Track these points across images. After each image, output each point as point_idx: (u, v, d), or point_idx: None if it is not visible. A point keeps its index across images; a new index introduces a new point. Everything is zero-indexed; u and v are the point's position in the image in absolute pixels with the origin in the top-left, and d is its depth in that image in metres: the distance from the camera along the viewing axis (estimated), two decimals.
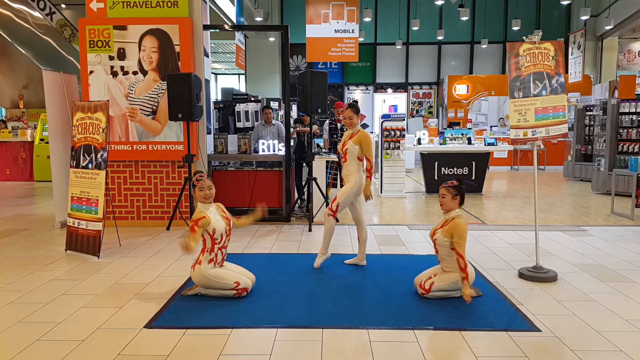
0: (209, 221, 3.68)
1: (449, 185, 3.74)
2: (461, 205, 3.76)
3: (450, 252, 3.64)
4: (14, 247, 5.41)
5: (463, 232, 3.58)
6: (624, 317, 3.40)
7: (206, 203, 3.78)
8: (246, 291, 3.78)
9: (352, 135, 4.53)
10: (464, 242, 3.58)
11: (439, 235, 3.70)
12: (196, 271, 3.73)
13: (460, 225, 3.60)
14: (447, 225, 3.66)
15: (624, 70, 16.90)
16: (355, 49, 9.62)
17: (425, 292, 3.71)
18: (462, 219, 3.65)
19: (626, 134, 9.25)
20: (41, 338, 3.11)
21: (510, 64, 4.38)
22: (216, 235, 3.72)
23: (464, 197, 3.75)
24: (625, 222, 6.61)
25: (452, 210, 3.72)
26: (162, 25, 6.11)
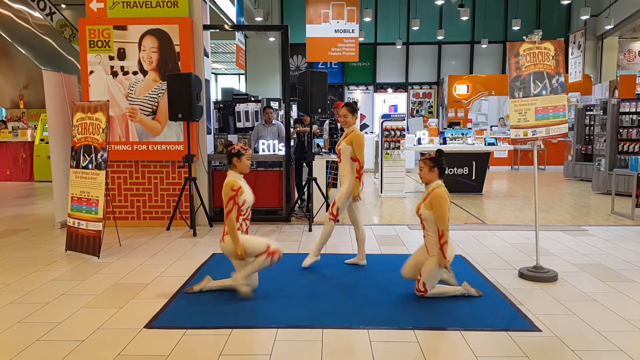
0: (243, 191, 3.66)
1: (426, 157, 3.69)
2: (441, 177, 3.68)
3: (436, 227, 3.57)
4: (14, 247, 5.41)
5: (442, 202, 3.50)
6: (625, 317, 3.40)
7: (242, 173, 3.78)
8: (278, 254, 3.72)
9: (346, 136, 4.51)
10: (443, 213, 3.49)
11: (423, 210, 3.63)
12: (226, 242, 3.70)
13: (438, 195, 3.52)
14: (429, 198, 3.61)
15: (624, 70, 16.89)
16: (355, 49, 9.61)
17: (424, 292, 3.69)
18: (442, 189, 3.58)
19: (626, 134, 9.24)
20: (41, 338, 3.11)
21: (510, 64, 4.38)
22: (244, 207, 3.70)
23: (443, 168, 3.67)
24: (625, 221, 6.61)
25: (432, 182, 3.67)
26: (162, 26, 6.11)
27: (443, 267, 3.56)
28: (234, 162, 3.76)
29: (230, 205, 3.63)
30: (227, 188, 3.64)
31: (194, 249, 5.29)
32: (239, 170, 3.77)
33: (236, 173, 3.77)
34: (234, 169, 3.78)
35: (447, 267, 3.55)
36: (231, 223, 3.63)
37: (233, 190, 3.62)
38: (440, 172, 3.66)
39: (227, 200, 3.63)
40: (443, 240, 3.51)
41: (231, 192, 3.62)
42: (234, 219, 3.64)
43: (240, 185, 3.67)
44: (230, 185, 3.64)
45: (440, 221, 3.51)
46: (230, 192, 3.62)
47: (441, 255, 3.53)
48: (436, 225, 3.56)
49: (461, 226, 6.38)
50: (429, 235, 3.65)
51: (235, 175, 3.75)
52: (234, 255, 3.70)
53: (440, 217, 3.51)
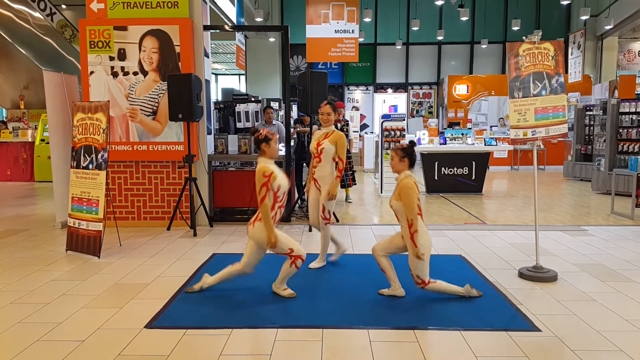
0: (276, 177, 3.62)
1: (398, 148, 3.68)
2: (411, 168, 3.67)
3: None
4: (15, 247, 5.41)
5: (409, 192, 3.49)
6: (624, 317, 3.40)
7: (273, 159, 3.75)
8: (301, 259, 3.70)
9: (328, 135, 4.43)
10: (411, 203, 3.48)
11: (393, 202, 3.61)
12: (256, 227, 3.67)
13: (405, 185, 3.52)
14: (397, 189, 3.60)
15: (624, 70, 16.90)
16: (355, 49, 9.62)
17: (422, 284, 3.64)
18: (410, 179, 3.57)
19: (626, 134, 9.25)
20: (42, 338, 3.11)
21: (510, 64, 4.39)
22: (279, 192, 3.65)
23: (413, 159, 3.66)
24: (625, 221, 6.62)
25: (401, 172, 3.66)
26: (163, 26, 6.11)
27: (415, 256, 3.52)
28: (263, 148, 3.72)
29: (264, 192, 3.58)
30: (259, 174, 3.59)
31: (194, 249, 5.29)
32: (269, 156, 3.73)
33: (267, 159, 3.72)
34: (263, 155, 3.73)
35: (419, 255, 3.50)
36: (265, 210, 3.59)
37: (265, 177, 3.57)
38: (411, 163, 3.66)
39: (260, 186, 3.58)
40: (413, 229, 3.50)
41: (263, 178, 3.57)
42: (269, 206, 3.60)
43: (272, 170, 3.61)
44: (262, 171, 3.58)
45: (409, 210, 3.50)
46: (262, 179, 3.57)
47: (412, 244, 3.52)
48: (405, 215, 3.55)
49: (461, 226, 6.38)
50: (403, 227, 3.63)
51: (266, 161, 3.70)
52: (264, 243, 3.65)
53: (408, 207, 3.50)
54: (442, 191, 9.29)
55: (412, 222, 3.51)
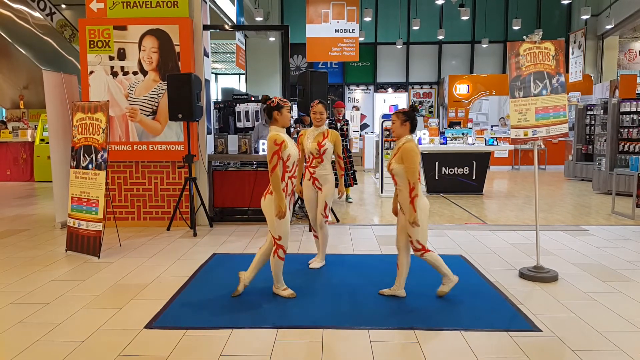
0: (287, 145, 3.56)
1: (399, 111, 3.65)
2: (412, 133, 3.65)
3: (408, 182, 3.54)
4: (15, 247, 5.41)
5: (413, 155, 3.47)
6: (625, 317, 3.39)
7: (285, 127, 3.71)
8: (283, 250, 3.69)
9: (325, 135, 4.43)
10: (414, 166, 3.46)
11: (394, 165, 3.58)
12: (267, 200, 3.63)
13: (408, 149, 3.50)
14: (399, 152, 3.57)
15: (625, 69, 16.88)
16: (355, 49, 9.62)
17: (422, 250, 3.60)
18: (412, 143, 3.55)
19: (627, 134, 9.24)
20: (42, 339, 3.11)
21: (510, 64, 4.38)
22: (289, 162, 3.60)
23: (414, 123, 3.63)
24: (626, 221, 6.61)
25: (402, 137, 3.63)
26: (162, 26, 6.10)
27: (412, 221, 3.48)
28: (275, 116, 3.66)
29: (275, 161, 3.53)
30: (270, 142, 3.53)
31: (194, 249, 5.29)
32: (281, 124, 3.68)
33: (278, 127, 3.67)
34: (275, 123, 3.68)
35: (416, 221, 3.48)
36: (276, 179, 3.53)
37: (276, 145, 3.52)
38: (412, 127, 3.64)
39: (272, 155, 3.52)
40: (414, 193, 3.48)
41: (275, 146, 3.51)
42: (279, 175, 3.54)
43: (283, 139, 3.57)
44: (274, 139, 3.53)
45: (412, 174, 3.48)
46: (274, 147, 3.52)
47: (411, 209, 3.49)
48: (407, 179, 3.53)
49: (462, 226, 6.37)
50: (402, 190, 3.60)
51: (278, 129, 3.65)
52: (274, 214, 3.59)
53: (411, 170, 3.47)
54: (443, 191, 9.28)
55: (414, 186, 3.47)
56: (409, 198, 3.51)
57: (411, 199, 3.49)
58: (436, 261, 3.69)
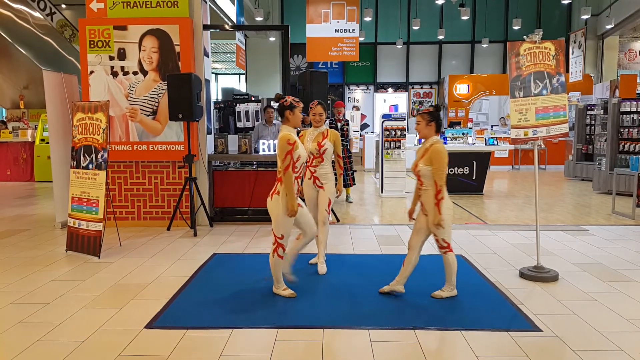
0: (298, 146, 3.57)
1: (424, 112, 3.65)
2: (438, 133, 3.65)
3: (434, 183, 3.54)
4: (15, 247, 5.41)
5: (442, 157, 3.47)
6: (625, 317, 3.39)
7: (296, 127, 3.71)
8: (283, 249, 3.69)
9: (325, 135, 4.44)
10: (443, 169, 3.48)
11: (421, 166, 3.59)
12: (273, 201, 3.62)
13: (438, 150, 3.50)
14: (427, 154, 3.57)
15: (625, 69, 16.88)
16: (355, 49, 9.62)
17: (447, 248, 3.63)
18: (441, 145, 3.56)
19: (627, 133, 9.23)
20: (42, 338, 3.11)
21: (510, 64, 4.37)
22: (298, 163, 3.59)
23: (440, 123, 3.64)
24: (626, 221, 6.61)
25: (429, 138, 3.64)
26: (162, 26, 6.10)
27: (436, 223, 3.51)
28: (287, 115, 3.68)
29: (288, 161, 3.53)
30: (283, 142, 3.53)
31: (195, 249, 5.29)
32: (293, 125, 3.69)
33: (290, 127, 3.69)
34: (287, 123, 3.69)
35: (440, 223, 3.50)
36: (289, 178, 3.53)
37: (290, 144, 3.52)
38: (437, 128, 3.64)
39: (285, 154, 3.53)
40: (440, 196, 3.50)
41: (288, 146, 3.52)
42: (292, 174, 3.55)
43: (295, 139, 3.58)
44: (287, 139, 3.53)
45: (439, 176, 3.49)
46: (287, 146, 3.52)
47: (436, 211, 3.51)
48: (433, 180, 3.53)
49: (462, 226, 6.37)
50: (427, 190, 3.60)
51: (289, 129, 3.66)
52: (281, 216, 3.58)
53: (439, 172, 3.48)
54: None
55: (441, 189, 3.49)
56: (434, 200, 3.52)
57: (437, 201, 3.51)
58: (452, 265, 3.70)
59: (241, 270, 4.53)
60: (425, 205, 3.65)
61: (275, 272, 3.77)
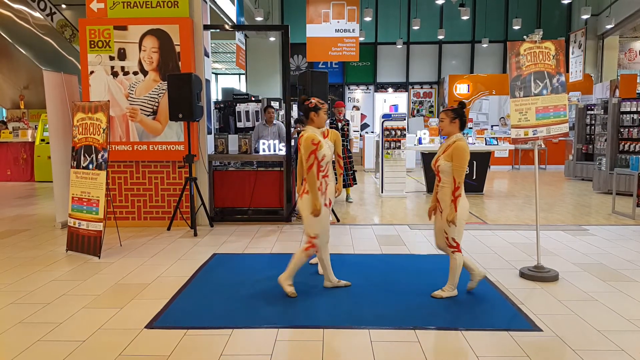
0: (322, 146, 3.59)
1: (448, 109, 3.67)
2: (462, 130, 3.66)
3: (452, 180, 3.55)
4: (15, 247, 5.41)
5: (464, 154, 3.49)
6: (626, 317, 3.39)
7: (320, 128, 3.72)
8: (315, 250, 3.72)
9: (325, 134, 4.44)
10: (463, 167, 3.49)
11: (441, 162, 3.61)
12: (304, 200, 3.64)
13: (460, 147, 3.51)
14: (449, 150, 3.58)
15: (625, 69, 16.88)
16: (355, 49, 9.62)
17: (456, 248, 3.66)
18: (464, 142, 3.57)
19: (627, 133, 9.23)
20: (42, 338, 3.11)
21: (511, 63, 4.38)
22: (323, 162, 3.62)
23: (464, 120, 3.65)
24: (626, 221, 6.61)
25: (452, 135, 3.65)
26: (163, 26, 6.10)
27: (451, 220, 3.53)
28: (312, 116, 3.71)
29: (312, 160, 3.56)
30: (307, 142, 3.56)
31: (195, 249, 5.29)
32: (317, 125, 3.72)
33: (314, 128, 3.71)
34: (311, 123, 3.72)
35: (453, 220, 3.52)
36: (312, 177, 3.57)
37: (314, 144, 3.55)
38: (462, 125, 3.65)
39: (309, 154, 3.55)
40: (458, 193, 3.51)
41: (312, 145, 3.55)
42: (315, 174, 3.57)
43: (320, 139, 3.60)
44: (311, 139, 3.56)
45: (459, 173, 3.50)
46: (311, 146, 3.55)
47: (452, 207, 3.53)
48: (452, 177, 3.54)
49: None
50: (444, 187, 3.62)
51: (314, 130, 3.69)
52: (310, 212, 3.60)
53: (459, 169, 3.50)
54: None
55: (459, 186, 3.51)
56: (451, 196, 3.54)
57: (454, 197, 3.53)
58: (458, 267, 3.70)
59: (241, 270, 4.53)
60: (441, 202, 3.67)
61: (294, 265, 3.76)
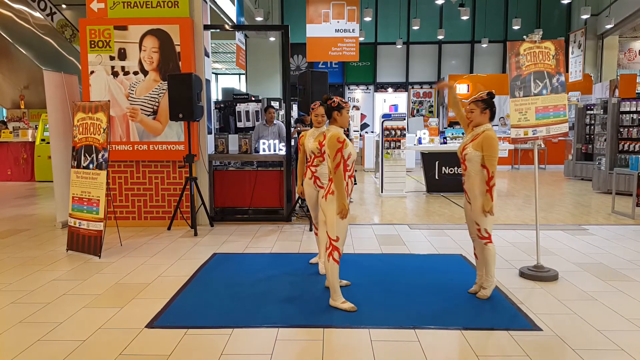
0: (348, 144, 3.52)
1: (477, 99, 3.69)
2: (491, 121, 3.65)
3: (479, 169, 3.56)
4: (16, 247, 5.42)
5: (495, 144, 3.50)
6: (625, 316, 3.40)
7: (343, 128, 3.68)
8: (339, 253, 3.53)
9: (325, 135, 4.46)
10: (495, 156, 3.50)
11: (469, 150, 3.61)
12: (328, 201, 3.53)
13: (491, 137, 3.52)
14: (478, 139, 3.59)
15: (625, 69, 16.89)
16: (355, 49, 9.62)
17: (488, 239, 3.65)
18: (493, 131, 3.58)
19: (627, 133, 9.24)
20: (42, 338, 3.11)
21: (510, 63, 4.38)
22: (349, 160, 3.53)
23: (494, 110, 3.64)
24: (626, 221, 6.61)
25: (481, 125, 3.66)
26: (163, 26, 6.11)
27: (488, 209, 3.53)
28: (335, 116, 3.65)
29: (339, 158, 3.47)
30: (333, 140, 3.48)
31: (195, 248, 5.29)
32: (340, 125, 3.67)
33: (337, 127, 3.66)
34: (334, 123, 3.67)
35: (491, 210, 3.53)
36: (339, 177, 3.47)
37: (340, 142, 3.48)
38: (492, 115, 3.66)
39: (335, 153, 3.46)
40: (492, 182, 3.53)
41: (338, 143, 3.48)
42: (342, 173, 3.48)
43: (344, 137, 3.55)
44: (337, 137, 3.49)
45: (491, 162, 3.52)
46: (337, 144, 3.48)
47: (488, 197, 3.53)
48: (479, 167, 3.56)
49: (462, 225, 6.38)
50: (470, 176, 3.63)
51: (337, 129, 3.64)
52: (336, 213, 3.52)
53: (491, 159, 3.51)
54: (443, 190, 9.29)
55: (493, 175, 3.52)
56: (483, 186, 3.55)
57: (489, 187, 3.54)
58: (493, 256, 3.69)
59: (242, 269, 4.54)
60: (468, 192, 3.67)
61: (332, 279, 3.54)
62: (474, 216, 3.66)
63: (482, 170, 3.56)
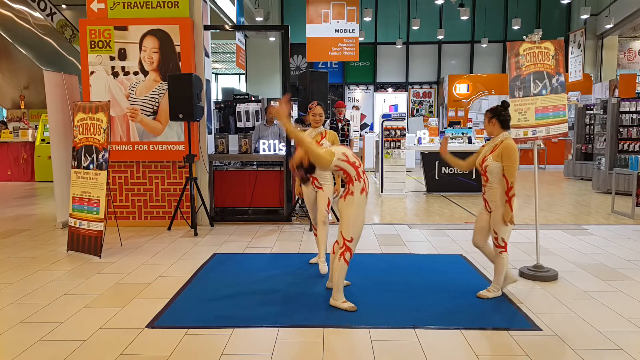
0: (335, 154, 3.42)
1: (488, 109, 3.75)
2: (505, 129, 3.66)
3: (501, 179, 3.57)
4: (16, 247, 5.42)
5: (514, 153, 3.51)
6: (625, 316, 3.40)
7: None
8: (350, 254, 3.50)
9: (324, 135, 4.46)
10: (515, 166, 3.51)
11: (490, 161, 3.61)
12: (347, 201, 3.43)
13: (509, 147, 3.54)
14: (498, 149, 3.59)
15: (624, 69, 16.90)
16: (355, 49, 9.62)
17: (504, 248, 3.65)
18: (511, 140, 3.59)
19: (626, 133, 9.24)
20: (43, 338, 3.12)
21: (510, 63, 4.39)
22: (351, 159, 3.42)
23: (502, 119, 3.65)
24: (625, 220, 6.62)
25: (496, 135, 3.67)
26: (163, 26, 6.11)
27: (509, 220, 3.54)
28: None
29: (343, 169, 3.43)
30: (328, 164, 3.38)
31: (195, 248, 5.30)
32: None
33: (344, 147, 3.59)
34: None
35: (512, 220, 3.54)
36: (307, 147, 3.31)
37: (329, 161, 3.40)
38: (502, 123, 3.66)
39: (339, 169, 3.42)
40: (512, 192, 3.53)
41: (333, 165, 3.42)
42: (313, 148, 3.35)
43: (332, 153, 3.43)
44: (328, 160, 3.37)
45: (511, 173, 3.52)
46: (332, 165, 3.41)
47: (508, 207, 3.54)
48: (501, 177, 3.56)
49: (462, 225, 6.38)
50: (492, 187, 3.63)
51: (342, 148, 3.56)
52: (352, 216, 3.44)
53: (511, 169, 3.52)
54: (443, 190, 9.29)
55: (512, 185, 3.53)
56: (504, 196, 3.56)
57: (509, 197, 3.54)
58: (505, 266, 3.70)
59: (242, 269, 4.54)
60: (489, 203, 3.67)
61: (338, 279, 3.53)
62: (493, 225, 3.66)
63: (503, 180, 3.57)
